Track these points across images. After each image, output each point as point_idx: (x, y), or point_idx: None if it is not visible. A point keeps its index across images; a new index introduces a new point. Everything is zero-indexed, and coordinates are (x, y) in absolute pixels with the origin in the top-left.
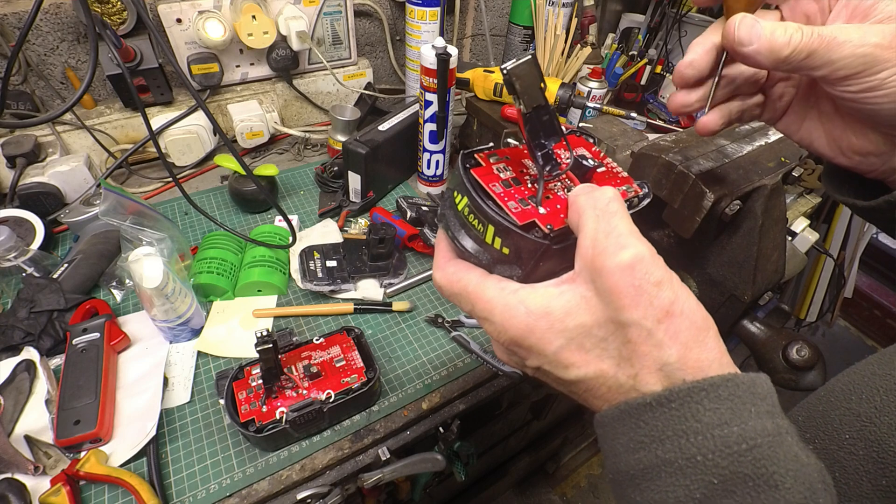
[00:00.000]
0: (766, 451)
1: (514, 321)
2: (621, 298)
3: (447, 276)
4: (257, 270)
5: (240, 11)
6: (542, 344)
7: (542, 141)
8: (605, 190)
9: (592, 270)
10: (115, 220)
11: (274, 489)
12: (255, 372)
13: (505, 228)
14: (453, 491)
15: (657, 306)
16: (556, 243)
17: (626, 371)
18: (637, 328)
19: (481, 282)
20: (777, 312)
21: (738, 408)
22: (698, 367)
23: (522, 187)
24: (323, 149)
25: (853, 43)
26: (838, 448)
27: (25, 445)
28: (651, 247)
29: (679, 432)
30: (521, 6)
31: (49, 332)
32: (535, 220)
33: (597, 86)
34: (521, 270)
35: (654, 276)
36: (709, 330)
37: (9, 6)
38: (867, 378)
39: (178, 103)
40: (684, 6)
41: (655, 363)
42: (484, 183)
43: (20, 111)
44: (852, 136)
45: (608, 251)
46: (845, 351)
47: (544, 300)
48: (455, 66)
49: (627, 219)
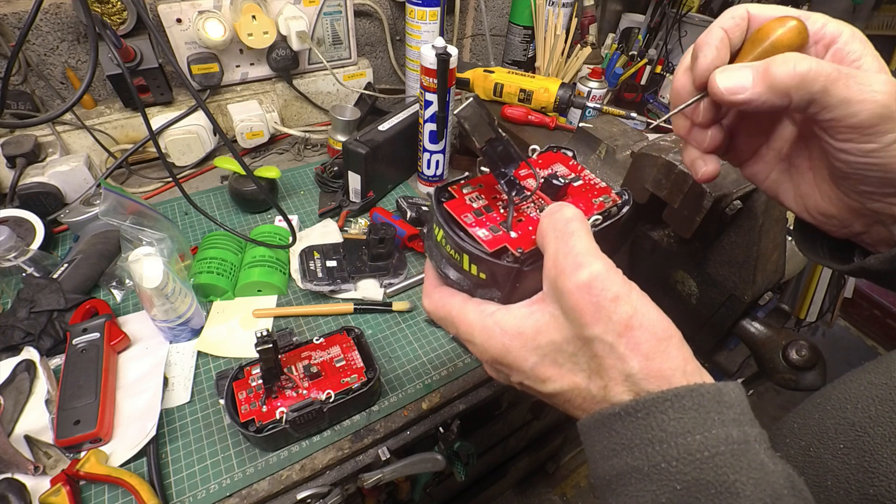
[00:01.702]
0: (729, 458)
1: (492, 342)
2: (583, 316)
3: (434, 302)
4: (257, 270)
5: (240, 11)
6: (519, 361)
7: (503, 169)
8: (565, 211)
9: (556, 290)
10: (115, 220)
11: (274, 489)
12: (255, 372)
13: (477, 256)
14: (453, 491)
15: (616, 321)
16: (527, 265)
17: (596, 383)
18: (600, 343)
19: (463, 306)
20: (777, 312)
21: (703, 417)
22: (661, 377)
23: (494, 213)
24: (323, 149)
25: (872, 88)
26: (832, 457)
27: (25, 445)
28: (608, 263)
29: (646, 441)
30: (521, 6)
31: (49, 332)
32: (505, 245)
33: (597, 86)
34: (501, 292)
35: (610, 293)
36: (670, 339)
37: (9, 6)
38: (863, 387)
39: (178, 103)
40: (684, 6)
41: (620, 375)
42: (456, 215)
43: (20, 111)
44: (818, 197)
45: (567, 271)
46: (845, 351)
47: (517, 321)
48: (455, 66)
49: (586, 237)
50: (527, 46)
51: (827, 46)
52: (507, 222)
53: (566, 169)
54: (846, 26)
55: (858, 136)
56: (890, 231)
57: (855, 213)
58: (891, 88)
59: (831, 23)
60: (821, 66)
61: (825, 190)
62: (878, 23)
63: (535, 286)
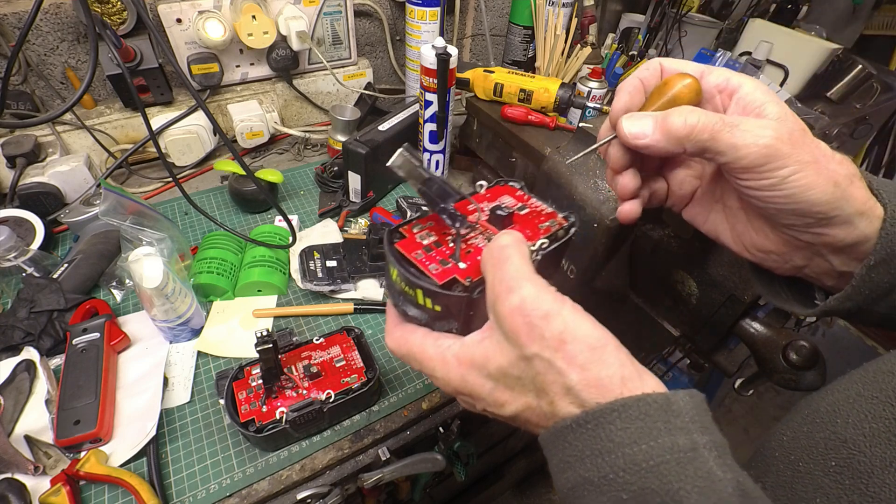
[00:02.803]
0: (674, 466)
1: (451, 374)
2: (520, 337)
3: (395, 340)
4: (257, 270)
5: (240, 11)
6: (476, 389)
7: (443, 205)
8: (501, 238)
9: (495, 316)
10: (115, 220)
11: (274, 489)
12: (255, 372)
13: (430, 290)
14: (453, 491)
15: (549, 337)
16: (478, 292)
17: (544, 400)
18: (539, 360)
19: (422, 343)
20: (777, 312)
21: (649, 426)
22: (599, 385)
23: (444, 248)
24: (323, 149)
25: (754, 133)
26: (823, 474)
27: (25, 445)
28: (539, 283)
29: (595, 452)
30: (521, 6)
31: (49, 332)
32: (454, 276)
33: (597, 86)
34: (458, 322)
35: (541, 311)
36: (605, 347)
37: (9, 6)
38: (852, 400)
39: (178, 103)
40: (684, 6)
41: (562, 388)
42: (406, 253)
43: (20, 111)
44: (753, 233)
45: (501, 297)
46: (845, 351)
47: (469, 351)
48: (455, 66)
49: (518, 261)
50: (527, 46)
51: (730, 96)
52: (455, 254)
53: (513, 199)
54: (748, 79)
55: (754, 175)
56: (829, 262)
57: (791, 246)
58: (778, 133)
59: (734, 76)
60: (707, 118)
61: (758, 226)
62: (878, 23)
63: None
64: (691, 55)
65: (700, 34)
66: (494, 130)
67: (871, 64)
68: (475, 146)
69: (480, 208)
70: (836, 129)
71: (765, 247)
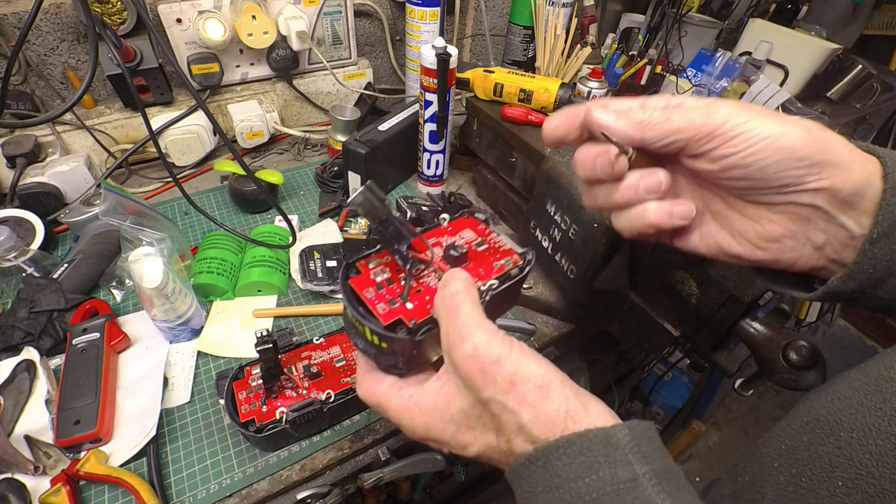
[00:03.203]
0: (614, 498)
1: (415, 423)
2: (475, 382)
3: (364, 391)
4: (257, 270)
5: (240, 11)
6: (440, 434)
7: (396, 247)
8: (451, 286)
9: (452, 363)
10: (115, 220)
11: (274, 489)
12: (255, 372)
13: (374, 331)
14: (453, 491)
15: (500, 381)
16: (421, 334)
17: (502, 439)
18: (494, 403)
19: (386, 394)
20: (777, 312)
21: (591, 460)
22: (547, 421)
23: (395, 286)
24: (323, 149)
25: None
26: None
27: (25, 445)
28: (489, 329)
29: (546, 487)
30: (521, 6)
31: (49, 332)
32: (399, 317)
33: (597, 86)
34: (402, 359)
35: (492, 357)
36: (550, 383)
37: (9, 6)
38: (854, 409)
39: (178, 103)
40: (684, 6)
41: (516, 427)
42: (357, 290)
43: (20, 111)
44: (756, 224)
45: (455, 345)
46: (845, 351)
47: (430, 397)
48: (455, 66)
49: (469, 308)
50: (527, 46)
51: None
52: (404, 294)
53: (473, 234)
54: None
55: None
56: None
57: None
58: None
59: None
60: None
61: (756, 214)
62: (878, 23)
63: (435, 350)
64: (691, 55)
65: (700, 34)
66: (494, 130)
67: (871, 64)
68: (475, 146)
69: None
70: (836, 129)
71: (774, 232)
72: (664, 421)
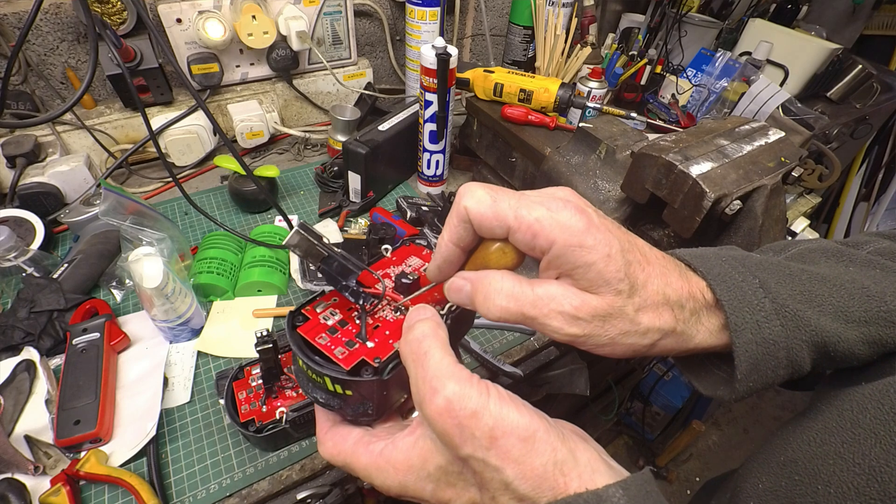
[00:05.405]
0: None
1: (389, 481)
2: (452, 439)
3: (328, 451)
4: (257, 270)
5: (240, 11)
6: (419, 492)
7: (344, 283)
8: (415, 330)
9: (425, 417)
10: (115, 220)
11: (274, 489)
12: (255, 372)
13: (337, 378)
14: None
15: (480, 436)
16: (388, 373)
17: (486, 496)
18: (474, 460)
19: (354, 452)
20: None
21: None
22: (535, 475)
23: (350, 326)
24: (323, 149)
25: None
26: None
27: (25, 445)
28: (461, 377)
29: None
30: (521, 6)
31: (49, 332)
32: (363, 357)
33: (597, 86)
34: (372, 403)
35: (468, 409)
36: (535, 433)
37: (9, 6)
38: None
39: (178, 103)
40: (684, 6)
41: (501, 485)
42: (310, 338)
43: (20, 111)
44: None
45: (426, 398)
46: None
47: (403, 455)
48: (455, 66)
49: (438, 354)
50: (527, 46)
51: (543, 253)
52: (362, 333)
53: (420, 260)
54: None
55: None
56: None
57: None
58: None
59: (539, 233)
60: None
61: None
62: (878, 23)
63: (404, 388)
64: (691, 55)
65: (700, 34)
66: (494, 130)
67: (871, 64)
68: (475, 146)
69: (386, 274)
70: (836, 129)
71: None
72: (664, 421)
